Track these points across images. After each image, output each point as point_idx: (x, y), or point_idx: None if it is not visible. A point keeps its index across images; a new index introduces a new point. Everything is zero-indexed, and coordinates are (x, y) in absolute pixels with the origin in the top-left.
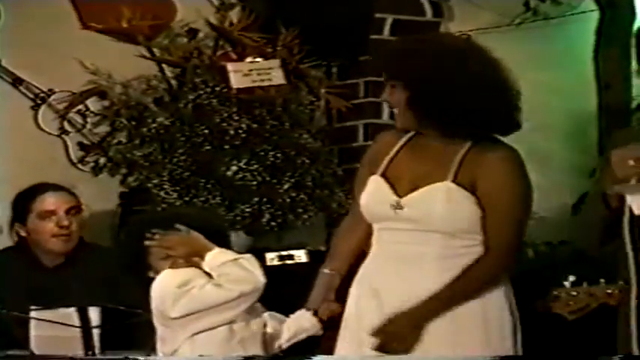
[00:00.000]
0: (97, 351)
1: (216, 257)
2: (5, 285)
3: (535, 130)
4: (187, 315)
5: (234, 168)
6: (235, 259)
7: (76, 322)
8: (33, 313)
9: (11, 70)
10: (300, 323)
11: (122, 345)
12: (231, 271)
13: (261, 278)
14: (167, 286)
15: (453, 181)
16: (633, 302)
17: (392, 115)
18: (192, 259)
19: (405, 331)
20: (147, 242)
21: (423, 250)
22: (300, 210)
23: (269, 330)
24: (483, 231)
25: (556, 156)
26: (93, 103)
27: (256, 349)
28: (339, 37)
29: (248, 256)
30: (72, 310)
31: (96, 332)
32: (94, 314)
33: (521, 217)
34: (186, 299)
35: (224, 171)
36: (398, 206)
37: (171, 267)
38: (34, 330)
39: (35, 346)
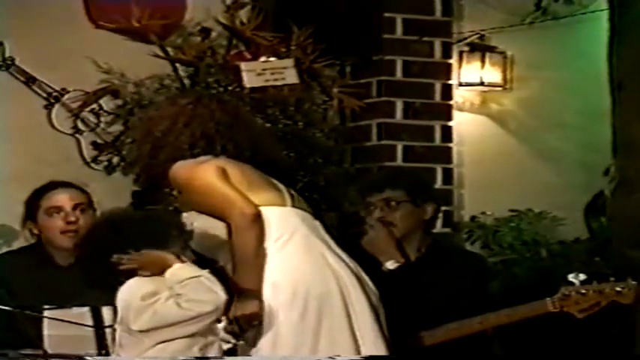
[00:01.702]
0: (110, 350)
1: (175, 274)
2: (20, 284)
3: (548, 130)
4: (149, 330)
5: None
6: (195, 277)
7: (89, 321)
8: (46, 313)
9: (25, 70)
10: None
11: None
12: (191, 291)
13: (221, 296)
14: (132, 297)
15: None
16: None
17: (405, 115)
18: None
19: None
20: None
21: None
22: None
23: None
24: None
25: (569, 155)
26: (106, 102)
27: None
28: (352, 36)
29: (206, 272)
30: (85, 309)
31: (109, 332)
32: (107, 314)
33: (210, 188)
34: (149, 314)
35: None
36: None
37: (139, 275)
38: (48, 329)
39: (48, 346)
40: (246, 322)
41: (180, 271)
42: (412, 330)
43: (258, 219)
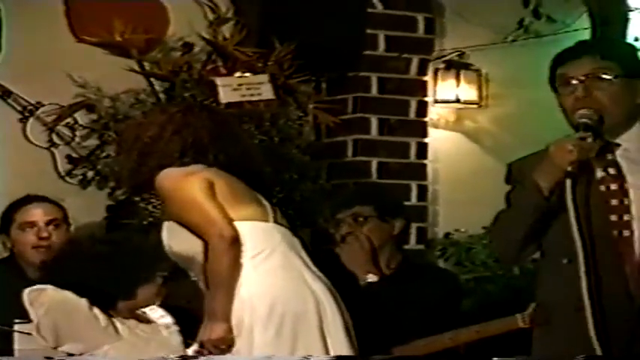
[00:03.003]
0: None
1: None
2: None
3: (523, 147)
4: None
5: None
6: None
7: None
8: (17, 327)
9: (0, 83)
10: None
11: None
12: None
13: (47, 294)
14: None
15: None
16: (584, 280)
17: (381, 131)
18: None
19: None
20: None
21: None
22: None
23: None
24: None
25: None
26: (81, 116)
27: None
28: (331, 52)
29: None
30: None
31: None
32: None
33: (188, 207)
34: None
35: None
36: None
37: None
38: (18, 344)
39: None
40: (213, 346)
41: None
42: (384, 345)
43: (235, 242)
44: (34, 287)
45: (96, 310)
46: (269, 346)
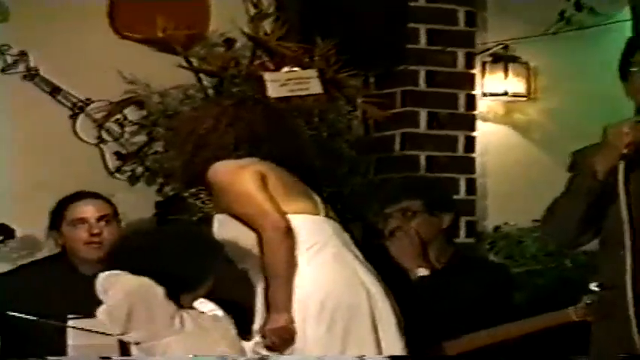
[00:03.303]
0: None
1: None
2: (44, 294)
3: (572, 140)
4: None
5: None
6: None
7: None
8: (70, 322)
9: (49, 80)
10: None
11: None
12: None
13: (127, 280)
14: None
15: None
16: (629, 274)
17: (429, 125)
18: None
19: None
20: None
21: None
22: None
23: None
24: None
25: None
26: (130, 113)
27: None
28: (376, 46)
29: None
30: None
31: None
32: None
33: (241, 199)
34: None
35: None
36: None
37: None
38: (72, 339)
39: (72, 355)
40: (277, 336)
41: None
42: (435, 339)
43: (289, 232)
44: (111, 272)
45: (169, 300)
46: (321, 339)
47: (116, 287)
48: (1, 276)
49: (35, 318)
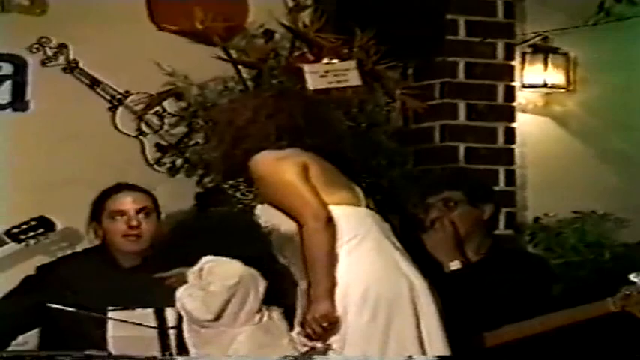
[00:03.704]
0: (173, 351)
1: (189, 275)
2: (84, 285)
3: (611, 131)
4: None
5: None
6: (202, 265)
7: (153, 322)
8: (110, 314)
9: (89, 72)
10: None
11: None
12: (209, 275)
13: (236, 265)
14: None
15: None
16: None
17: (468, 116)
18: None
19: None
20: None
21: None
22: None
23: None
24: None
25: (632, 157)
26: (170, 105)
27: None
28: (415, 38)
29: (207, 257)
30: (149, 310)
31: (172, 333)
32: (170, 315)
33: (287, 186)
34: (205, 305)
35: None
36: None
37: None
38: (112, 330)
39: (113, 347)
40: (319, 324)
41: (191, 272)
42: (474, 330)
43: (330, 222)
44: (216, 258)
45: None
46: (363, 330)
47: (226, 274)
48: (42, 268)
49: (75, 310)
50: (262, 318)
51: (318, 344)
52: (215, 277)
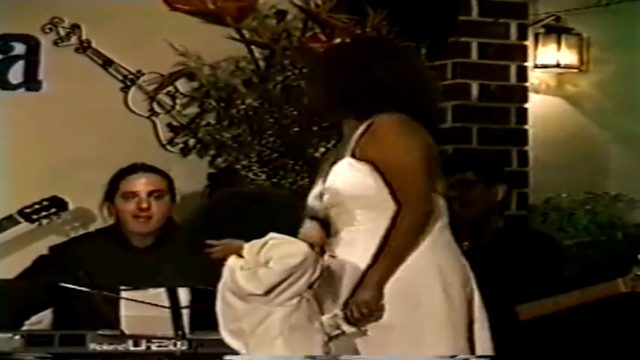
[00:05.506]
0: (186, 331)
1: (249, 251)
2: (97, 265)
3: (624, 112)
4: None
5: (322, 149)
6: (266, 241)
7: (166, 302)
8: (123, 294)
9: (101, 52)
10: None
11: (211, 325)
12: (273, 252)
13: (302, 245)
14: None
15: (351, 156)
16: None
17: (481, 97)
18: None
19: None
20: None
21: (349, 229)
22: None
23: None
24: (391, 191)
25: None
26: (182, 85)
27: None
28: (427, 18)
29: (272, 234)
30: (162, 290)
31: (185, 312)
32: (183, 295)
33: (413, 167)
34: (256, 279)
35: (312, 152)
36: (321, 196)
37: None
38: (124, 310)
39: (125, 326)
40: (358, 310)
41: (250, 246)
42: (488, 310)
43: (429, 218)
44: (284, 236)
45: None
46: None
47: (290, 252)
48: (54, 248)
49: (88, 289)
50: (301, 300)
51: (353, 329)
52: (277, 253)
